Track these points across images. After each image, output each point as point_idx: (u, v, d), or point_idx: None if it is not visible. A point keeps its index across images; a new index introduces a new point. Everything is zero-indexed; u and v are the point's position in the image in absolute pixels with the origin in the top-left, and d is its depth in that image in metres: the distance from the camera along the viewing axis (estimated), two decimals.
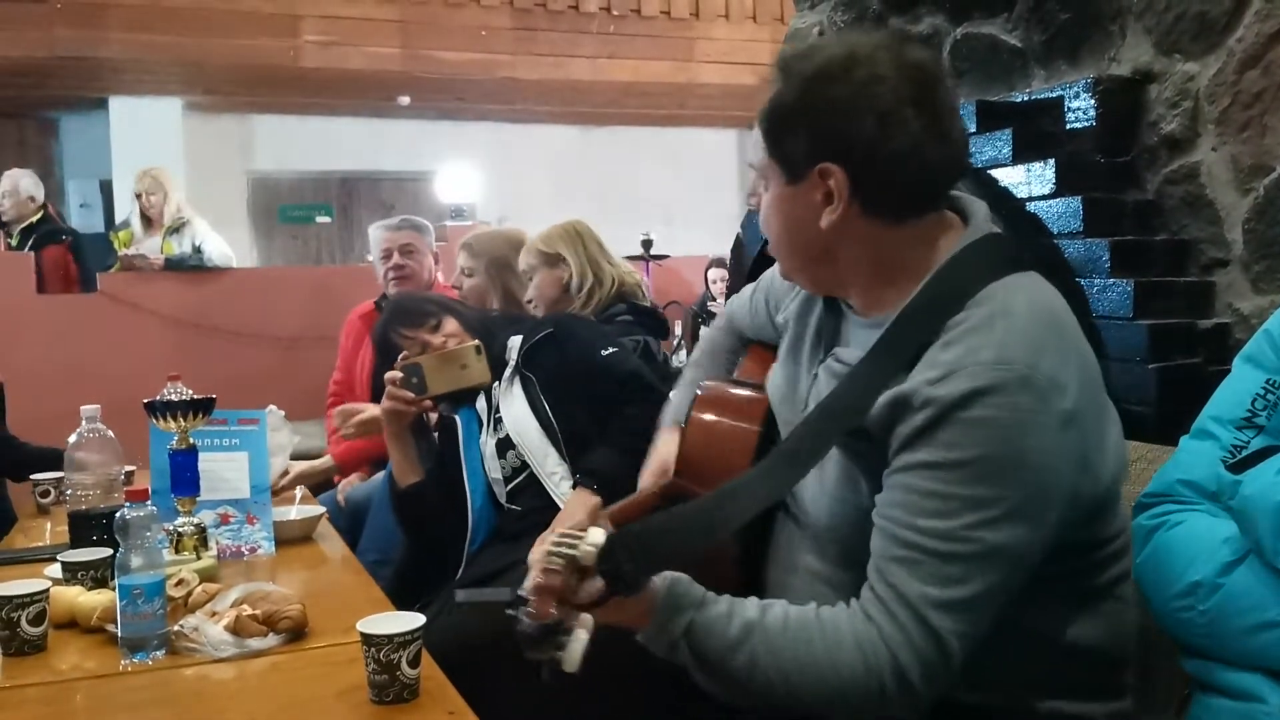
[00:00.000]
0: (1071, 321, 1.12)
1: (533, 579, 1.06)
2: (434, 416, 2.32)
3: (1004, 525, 1.02)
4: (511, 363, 2.21)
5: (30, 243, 5.26)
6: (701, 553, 1.12)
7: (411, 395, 2.13)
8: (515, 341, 2.23)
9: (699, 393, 1.42)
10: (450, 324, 2.26)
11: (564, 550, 1.05)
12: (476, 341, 2.18)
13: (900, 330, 1.11)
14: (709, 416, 1.36)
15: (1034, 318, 1.07)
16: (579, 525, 1.11)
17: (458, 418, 2.24)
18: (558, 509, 2.02)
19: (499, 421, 2.17)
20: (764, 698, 1.09)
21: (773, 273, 1.46)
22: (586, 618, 1.05)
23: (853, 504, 1.13)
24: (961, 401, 1.01)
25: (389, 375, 2.14)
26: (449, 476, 2.19)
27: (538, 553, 1.10)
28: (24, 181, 5.40)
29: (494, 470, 2.17)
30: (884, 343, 1.11)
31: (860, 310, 1.21)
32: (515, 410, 2.14)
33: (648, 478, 1.46)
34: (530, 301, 2.68)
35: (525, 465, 2.12)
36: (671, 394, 1.61)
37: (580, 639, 1.03)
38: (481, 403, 2.24)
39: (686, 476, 1.37)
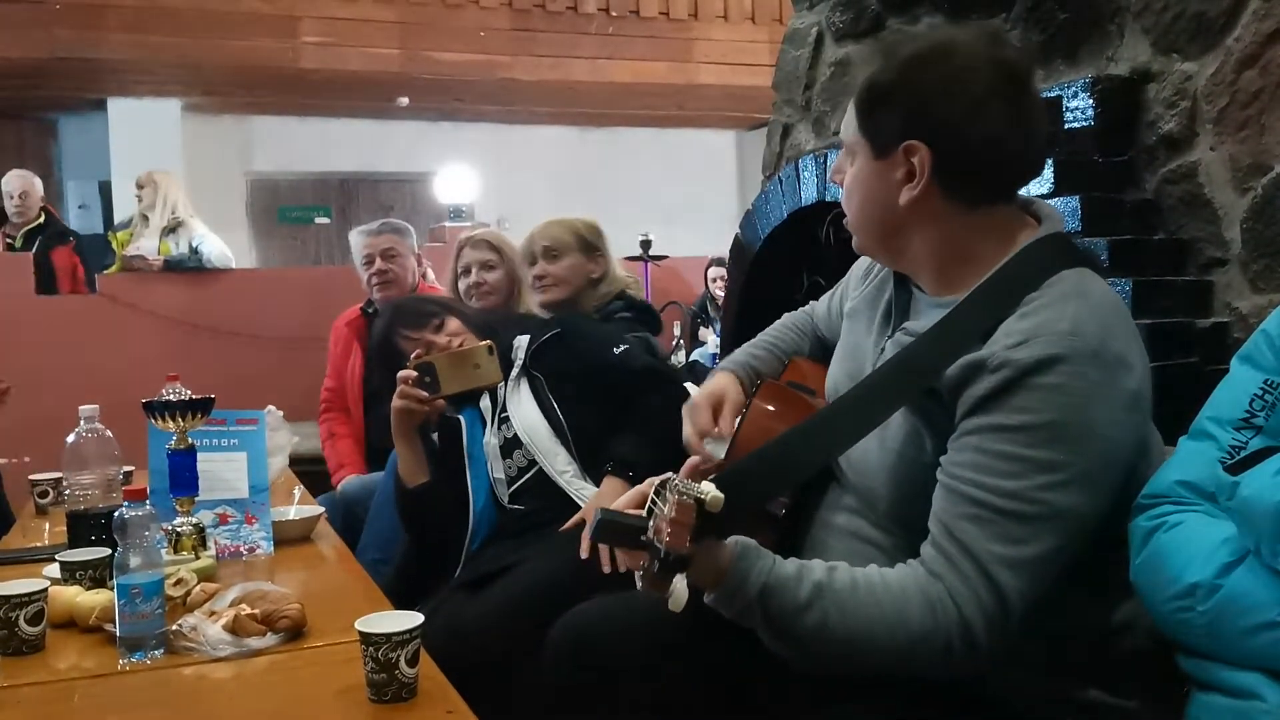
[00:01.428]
0: (1131, 318, 1.17)
1: (669, 513, 1.06)
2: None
3: (1071, 489, 1.06)
4: (519, 363, 2.20)
5: (36, 244, 5.26)
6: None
7: (425, 395, 2.12)
8: (522, 341, 2.23)
9: (759, 385, 1.45)
10: (453, 323, 2.26)
11: (693, 494, 1.07)
12: (489, 341, 2.18)
13: (976, 303, 1.16)
14: (768, 408, 1.39)
15: (1105, 302, 1.13)
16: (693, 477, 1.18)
17: (461, 418, 2.24)
18: (562, 508, 2.02)
19: (504, 421, 2.17)
20: (832, 658, 1.12)
21: (851, 271, 1.50)
22: (683, 584, 1.07)
23: (915, 460, 1.16)
24: (1036, 366, 1.06)
25: (402, 374, 2.13)
26: (451, 476, 2.18)
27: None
28: (36, 183, 5.41)
29: (497, 470, 2.17)
30: (960, 312, 1.16)
31: (932, 289, 1.25)
32: (524, 410, 2.14)
33: (699, 393, 1.49)
34: (544, 278, 2.63)
35: (531, 465, 2.12)
36: (736, 351, 1.63)
37: (683, 581, 1.05)
38: (485, 401, 2.24)
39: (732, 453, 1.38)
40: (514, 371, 2.20)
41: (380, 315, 2.60)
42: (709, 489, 1.08)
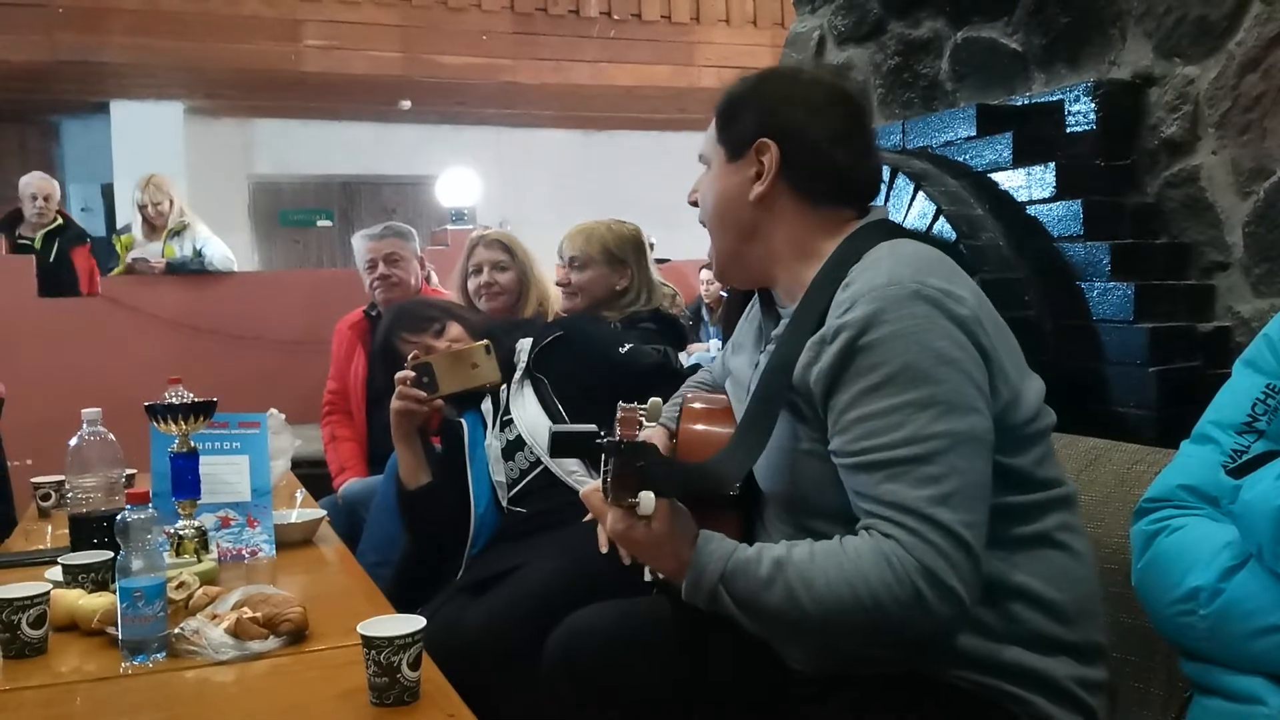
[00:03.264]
0: (958, 267, 1.22)
1: (618, 419, 1.27)
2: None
3: (954, 415, 1.11)
4: (521, 365, 2.20)
5: (56, 245, 5.28)
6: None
7: (423, 395, 2.13)
8: (525, 344, 2.23)
9: (685, 406, 1.48)
10: (454, 329, 2.27)
11: (633, 407, 1.27)
12: (486, 341, 2.18)
13: (812, 294, 1.24)
14: (697, 427, 1.42)
15: (920, 254, 1.20)
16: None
17: (463, 420, 2.24)
18: (565, 510, 2.00)
19: (508, 423, 2.17)
20: (812, 633, 1.16)
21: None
22: (648, 493, 1.12)
23: (793, 450, 1.23)
24: (867, 323, 1.12)
25: (400, 375, 2.13)
26: (452, 479, 2.19)
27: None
28: (55, 186, 5.44)
29: (498, 473, 2.17)
30: (800, 309, 1.24)
31: (786, 299, 1.32)
32: (528, 412, 2.14)
33: None
34: (564, 285, 2.63)
35: (534, 467, 2.12)
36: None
37: (650, 492, 1.11)
38: (487, 404, 2.24)
39: None
40: (517, 374, 2.20)
41: (382, 318, 2.60)
42: (651, 401, 1.29)
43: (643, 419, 1.31)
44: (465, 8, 7.14)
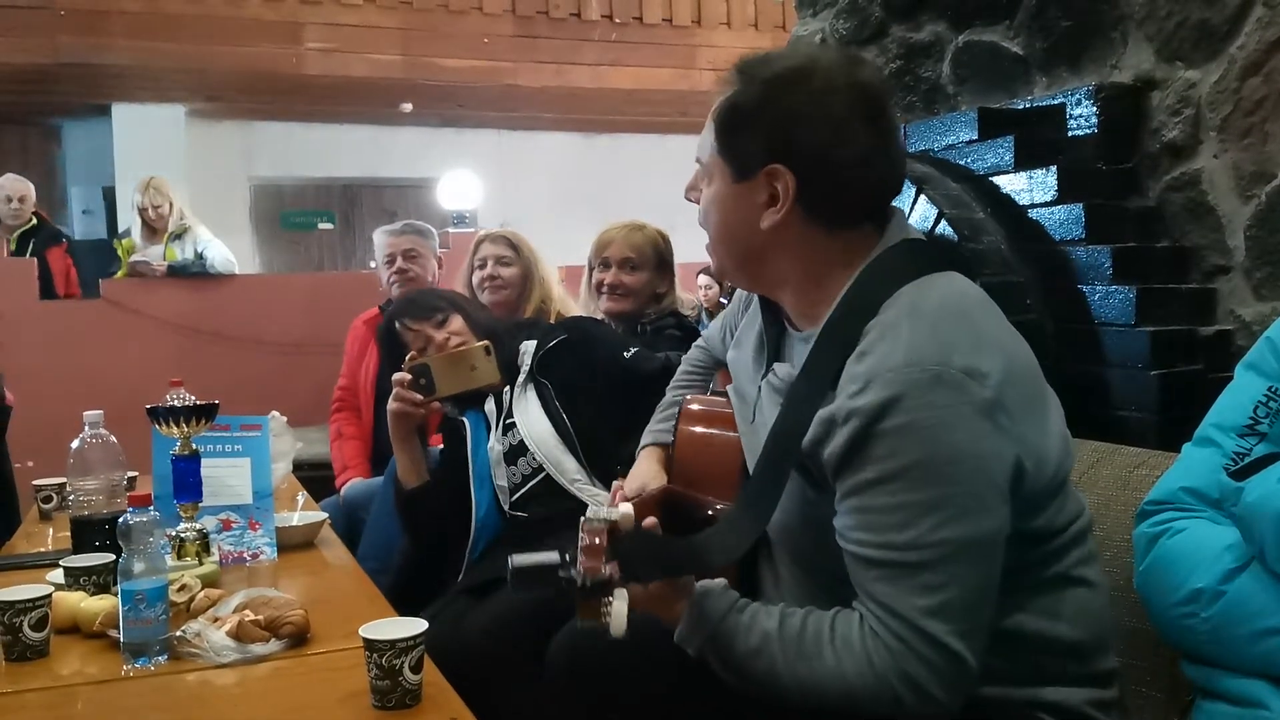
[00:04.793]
0: (991, 314, 1.14)
1: (581, 542, 1.10)
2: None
3: (962, 520, 1.03)
4: (525, 368, 2.19)
5: (31, 247, 5.27)
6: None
7: (420, 396, 2.11)
8: (529, 347, 2.21)
9: (684, 408, 1.45)
10: (456, 322, 2.25)
11: (603, 517, 1.11)
12: (486, 342, 2.15)
13: (823, 346, 1.14)
14: (697, 429, 1.41)
15: (943, 314, 1.09)
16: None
17: (465, 420, 2.22)
18: (567, 516, 1.98)
19: (510, 427, 2.16)
20: (789, 701, 1.13)
21: (736, 295, 1.49)
22: (623, 591, 1.08)
23: (800, 501, 1.16)
24: (881, 411, 1.03)
25: (397, 376, 2.12)
26: (452, 480, 2.18)
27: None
28: (31, 187, 5.42)
29: (500, 478, 2.16)
30: (810, 361, 1.15)
31: (796, 322, 1.25)
32: (530, 417, 2.13)
33: (628, 493, 1.48)
34: (617, 288, 2.62)
35: (536, 472, 2.10)
36: (652, 418, 1.64)
37: (622, 603, 1.07)
38: (490, 405, 2.22)
39: (682, 484, 1.39)
40: (520, 377, 2.19)
41: (391, 304, 2.61)
42: (621, 510, 1.11)
43: (606, 530, 1.12)
44: (466, 11, 7.15)
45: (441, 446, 2.35)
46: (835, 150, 1.13)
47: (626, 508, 1.13)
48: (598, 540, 1.08)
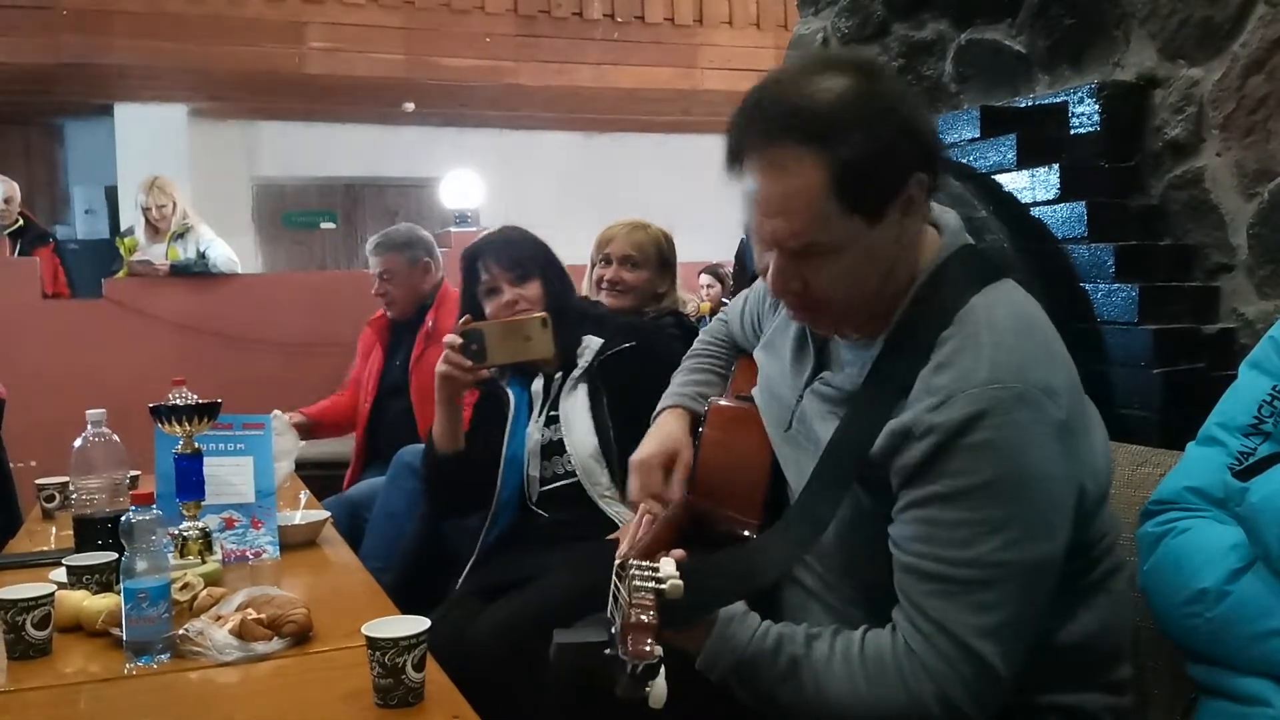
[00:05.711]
0: (1048, 326, 1.14)
1: (626, 617, 1.02)
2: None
3: (1026, 543, 1.03)
4: (583, 364, 2.10)
5: (18, 247, 5.27)
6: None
7: (469, 363, 2.00)
8: (592, 343, 2.12)
9: (711, 410, 1.42)
10: (533, 288, 2.12)
11: (650, 585, 1.04)
12: (544, 314, 2.03)
13: (891, 354, 1.11)
14: (721, 435, 1.37)
15: (1018, 330, 1.09)
16: (645, 553, 1.13)
17: (510, 391, 2.14)
18: (588, 525, 1.96)
19: (554, 420, 2.09)
20: None
21: (755, 286, 1.45)
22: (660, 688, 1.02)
23: (856, 517, 1.14)
24: (963, 427, 1.02)
25: (448, 339, 2.02)
26: (483, 452, 2.09)
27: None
28: (16, 188, 5.41)
29: (533, 467, 2.08)
30: (877, 370, 1.12)
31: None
32: (576, 420, 2.06)
33: (652, 446, 1.42)
34: (617, 284, 2.60)
35: (569, 475, 2.05)
36: (673, 377, 1.59)
37: (662, 674, 1.00)
38: (537, 385, 2.13)
39: (703, 494, 1.36)
40: (575, 371, 2.10)
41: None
42: (668, 572, 1.04)
43: (659, 594, 1.03)
44: (468, 10, 7.14)
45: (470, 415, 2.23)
46: (938, 140, 1.11)
47: (674, 575, 1.04)
48: (645, 618, 1.00)
